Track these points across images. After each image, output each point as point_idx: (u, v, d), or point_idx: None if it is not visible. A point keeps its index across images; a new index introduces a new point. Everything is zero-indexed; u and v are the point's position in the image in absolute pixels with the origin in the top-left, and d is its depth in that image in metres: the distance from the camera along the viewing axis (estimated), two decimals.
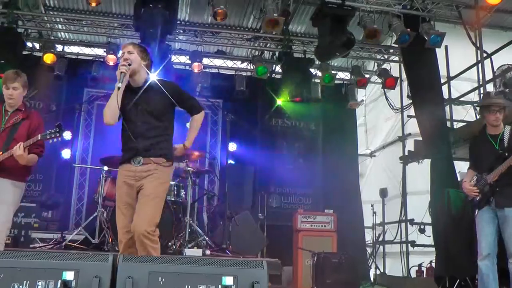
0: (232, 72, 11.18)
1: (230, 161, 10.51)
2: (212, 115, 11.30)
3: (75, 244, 7.43)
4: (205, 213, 9.69)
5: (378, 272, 9.62)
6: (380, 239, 10.12)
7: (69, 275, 2.94)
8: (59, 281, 2.91)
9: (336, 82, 10.73)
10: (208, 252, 7.04)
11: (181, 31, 10.12)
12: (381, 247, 10.21)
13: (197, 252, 6.71)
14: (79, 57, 11.05)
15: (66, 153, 10.27)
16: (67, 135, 10.30)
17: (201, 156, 9.09)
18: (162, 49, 9.26)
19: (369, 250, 10.31)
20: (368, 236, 10.59)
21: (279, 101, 10.30)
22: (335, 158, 10.71)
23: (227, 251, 7.45)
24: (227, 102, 10.98)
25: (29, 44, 10.40)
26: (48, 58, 9.71)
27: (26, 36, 10.08)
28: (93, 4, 8.00)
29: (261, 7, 8.62)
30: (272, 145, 10.85)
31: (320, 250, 7.76)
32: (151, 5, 7.99)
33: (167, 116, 4.49)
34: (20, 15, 9.64)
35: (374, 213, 9.92)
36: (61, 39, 10.98)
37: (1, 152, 4.64)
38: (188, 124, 4.78)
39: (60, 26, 10.33)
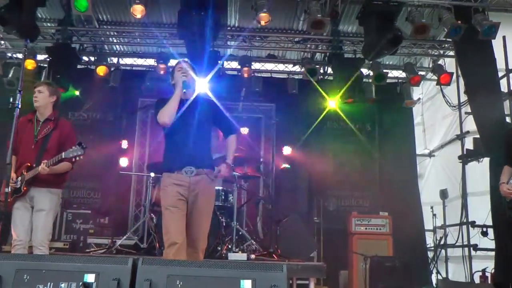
0: (284, 76, 11.11)
1: (285, 165, 10.44)
2: (265, 120, 11.22)
3: (126, 249, 7.61)
4: (259, 217, 9.63)
5: (440, 277, 9.25)
6: (442, 242, 9.71)
7: (90, 278, 3.02)
8: (81, 283, 2.99)
9: (391, 81, 10.46)
10: (252, 256, 6.98)
11: (230, 37, 10.16)
12: (443, 251, 9.80)
13: (241, 256, 6.66)
14: (134, 68, 11.31)
15: (123, 161, 10.56)
16: (124, 144, 10.61)
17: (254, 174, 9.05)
18: (211, 56, 9.32)
19: (430, 254, 9.93)
20: (429, 240, 10.20)
21: (332, 103, 10.10)
22: (393, 159, 10.42)
23: (274, 255, 7.36)
24: (280, 106, 10.91)
25: (85, 58, 10.73)
26: (101, 70, 10.03)
27: (81, 51, 10.43)
28: (139, 16, 8.09)
29: (305, 8, 8.48)
30: (326, 147, 10.67)
31: (374, 254, 7.56)
32: (194, 13, 8.05)
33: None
34: (74, 31, 9.99)
35: (434, 215, 9.55)
36: (116, 51, 11.28)
37: (34, 165, 4.83)
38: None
39: (114, 40, 10.66)
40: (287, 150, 10.44)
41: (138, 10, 8.01)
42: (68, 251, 7.60)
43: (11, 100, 4.35)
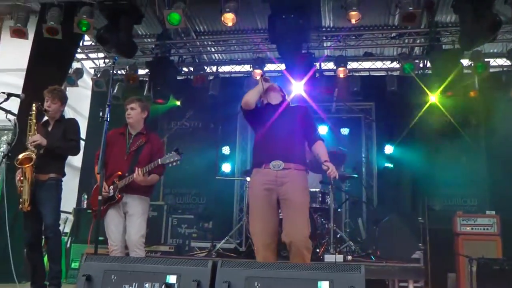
0: (383, 73, 10.86)
1: (387, 164, 10.21)
2: (366, 119, 11.03)
3: (226, 253, 7.81)
4: (360, 218, 9.47)
5: None
6: None
7: (172, 279, 3.17)
8: (163, 284, 3.14)
9: (494, 70, 9.88)
10: (349, 257, 6.88)
11: (325, 38, 10.10)
12: None
13: (337, 258, 6.57)
14: (232, 75, 11.58)
15: (226, 167, 10.84)
16: (225, 150, 10.88)
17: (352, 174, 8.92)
18: (304, 58, 9.33)
19: None
20: None
21: (433, 98, 9.72)
22: (502, 153, 9.78)
23: (372, 257, 7.21)
24: (380, 104, 10.69)
25: (185, 69, 11.13)
26: (199, 80, 10.36)
27: (180, 62, 10.84)
28: (230, 24, 8.25)
29: (396, 2, 8.25)
30: (430, 144, 10.16)
31: (481, 256, 7.17)
32: (283, 16, 8.10)
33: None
34: (172, 44, 10.40)
35: None
36: (214, 60, 11.58)
37: (125, 174, 5.08)
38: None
39: (212, 49, 10.99)
40: (388, 149, 10.20)
41: (229, 19, 8.15)
42: (173, 255, 7.89)
43: (100, 114, 4.58)
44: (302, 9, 8.22)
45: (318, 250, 7.13)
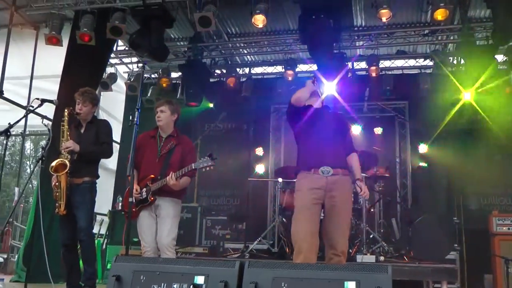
0: (416, 71, 10.74)
1: (422, 164, 10.09)
2: (399, 118, 10.90)
3: (258, 254, 7.84)
4: (394, 218, 9.37)
5: None
6: None
7: (200, 279, 3.20)
8: (191, 285, 3.18)
9: None
10: (382, 258, 6.81)
11: (356, 37, 10.05)
12: None
13: (369, 258, 6.55)
14: (265, 76, 11.63)
15: (260, 168, 10.87)
16: (259, 151, 10.91)
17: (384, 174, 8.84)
18: (336, 58, 9.30)
19: None
20: None
21: (467, 95, 9.55)
22: None
23: (405, 257, 7.14)
24: (413, 102, 10.56)
25: (217, 71, 11.21)
26: (231, 81, 10.42)
27: (213, 65, 10.95)
28: (260, 26, 8.27)
29: None
30: (464, 142, 9.98)
31: None
32: (314, 17, 8.09)
33: None
34: (204, 47, 10.49)
35: None
36: (247, 62, 11.64)
37: (158, 177, 5.16)
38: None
39: (244, 51, 11.06)
40: (423, 148, 10.04)
41: (259, 20, 8.18)
42: (207, 256, 7.95)
43: (130, 118, 4.66)
44: (333, 9, 8.20)
45: (350, 250, 7.10)
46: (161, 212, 5.17)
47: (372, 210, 8.18)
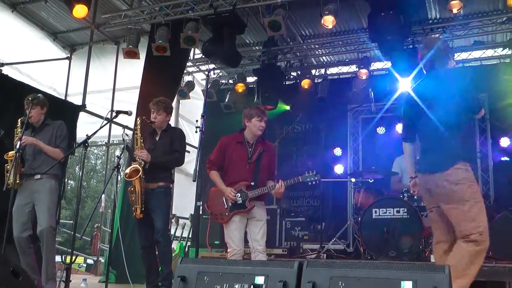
0: (495, 62, 10.36)
1: (504, 158, 9.72)
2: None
3: (334, 254, 7.91)
4: None
5: None
6: None
7: (260, 280, 3.32)
8: (252, 285, 3.31)
9: None
10: None
11: (430, 30, 9.81)
12: None
13: None
14: (340, 76, 11.62)
15: (338, 168, 10.85)
16: (337, 151, 10.90)
17: None
18: (409, 54, 9.15)
19: None
20: None
21: None
22: None
23: None
24: (494, 94, 10.10)
25: (293, 74, 11.32)
26: (305, 83, 10.50)
27: (288, 67, 11.05)
28: (330, 26, 8.29)
29: None
30: None
31: None
32: (382, 14, 8.03)
33: None
34: (278, 50, 10.64)
35: None
36: (323, 62, 11.67)
37: (251, 183, 5.40)
38: None
39: (320, 52, 11.11)
40: (504, 142, 9.67)
41: (328, 21, 8.20)
42: (286, 257, 8.08)
43: (196, 124, 4.86)
44: (402, 4, 8.11)
45: (425, 250, 6.99)
46: (255, 216, 5.39)
47: None
